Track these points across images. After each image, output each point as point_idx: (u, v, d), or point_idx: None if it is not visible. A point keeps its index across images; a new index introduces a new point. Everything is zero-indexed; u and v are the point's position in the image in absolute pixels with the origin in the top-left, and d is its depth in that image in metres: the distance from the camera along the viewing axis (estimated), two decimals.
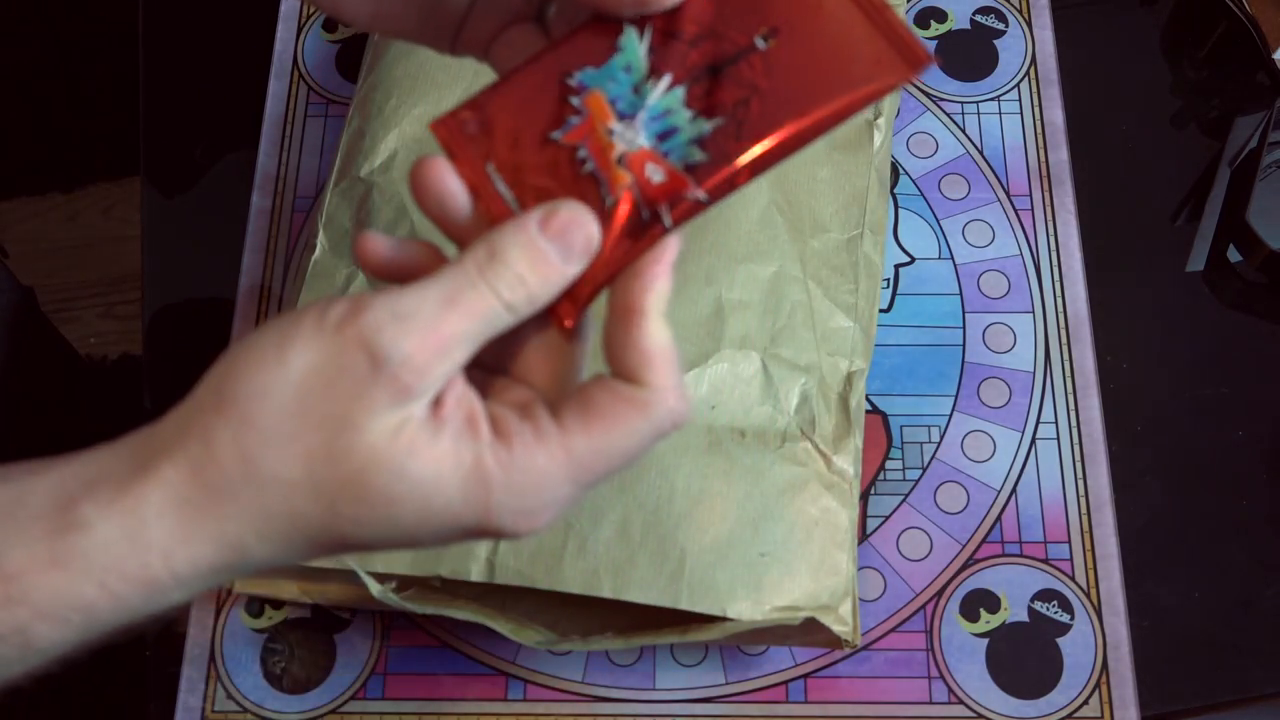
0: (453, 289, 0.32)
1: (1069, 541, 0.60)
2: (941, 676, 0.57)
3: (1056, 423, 0.62)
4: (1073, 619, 0.58)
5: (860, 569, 0.60)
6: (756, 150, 0.33)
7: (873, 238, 0.60)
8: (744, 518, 0.53)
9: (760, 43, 0.34)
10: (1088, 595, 0.59)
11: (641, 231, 0.33)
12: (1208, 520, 0.61)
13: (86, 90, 1.47)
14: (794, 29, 0.34)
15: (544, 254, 0.33)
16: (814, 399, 0.55)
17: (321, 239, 0.60)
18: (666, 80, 0.34)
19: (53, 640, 0.32)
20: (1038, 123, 0.70)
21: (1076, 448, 0.62)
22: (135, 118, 0.73)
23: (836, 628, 0.52)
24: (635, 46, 0.35)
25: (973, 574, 0.59)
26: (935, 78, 0.71)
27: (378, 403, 0.31)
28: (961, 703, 0.57)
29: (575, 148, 0.34)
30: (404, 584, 0.53)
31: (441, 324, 0.31)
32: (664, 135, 0.34)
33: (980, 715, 0.57)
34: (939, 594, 0.59)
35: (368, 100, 0.63)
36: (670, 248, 0.34)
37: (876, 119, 0.62)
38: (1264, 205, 0.66)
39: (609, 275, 0.34)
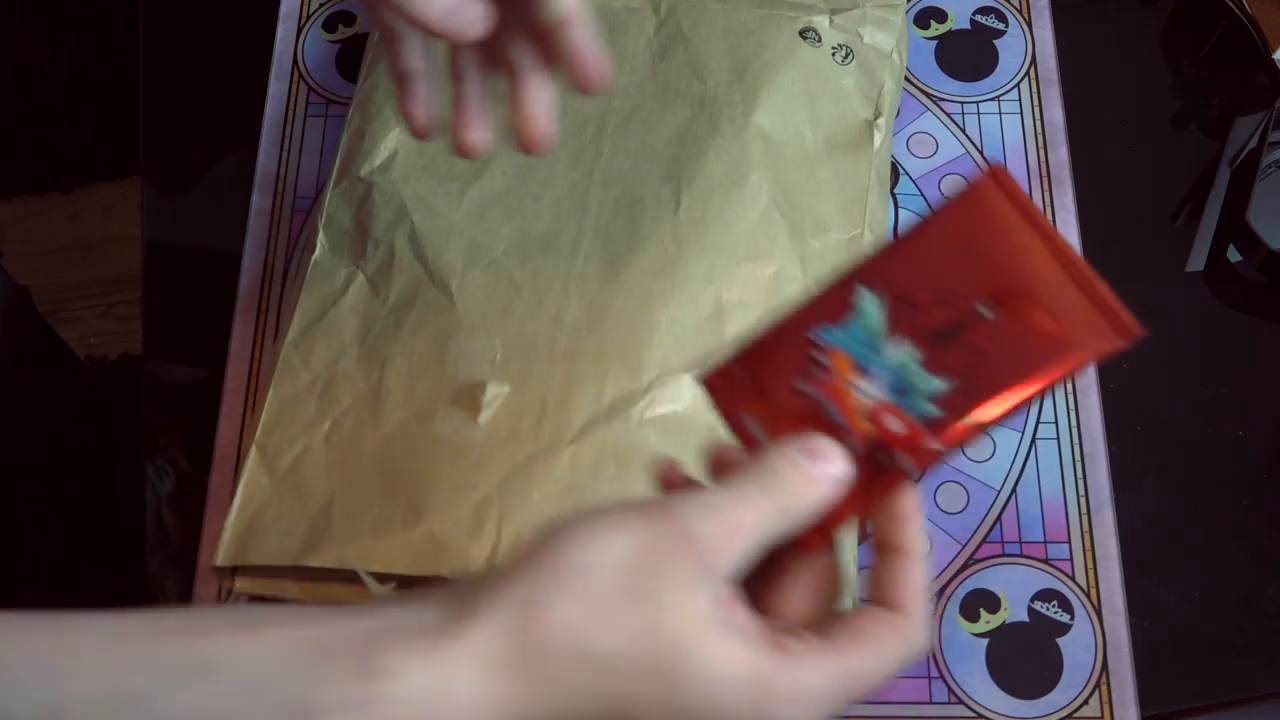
0: (742, 492, 0.36)
1: (1069, 541, 0.60)
2: (941, 676, 0.57)
3: (1056, 423, 0.62)
4: (1073, 619, 0.58)
5: (860, 569, 0.60)
6: (985, 411, 0.38)
7: (872, 238, 0.60)
8: None
9: (984, 311, 0.38)
10: (1088, 595, 0.59)
11: (882, 473, 0.38)
12: (1208, 520, 0.61)
13: (86, 90, 1.47)
14: (1013, 297, 0.38)
15: (809, 474, 0.37)
16: None
17: (321, 239, 0.60)
18: (902, 342, 0.39)
19: None
20: (1038, 123, 0.70)
21: (1076, 448, 0.62)
22: (135, 118, 0.73)
23: None
24: (872, 309, 0.39)
25: (973, 574, 0.60)
26: (935, 77, 0.71)
27: (688, 578, 0.34)
28: (961, 703, 0.57)
29: (820, 397, 0.39)
30: (404, 583, 0.53)
31: (737, 514, 0.36)
32: (900, 390, 0.39)
33: (980, 715, 0.57)
34: (939, 594, 0.59)
35: (367, 101, 0.63)
36: (913, 494, 0.39)
37: (877, 119, 0.62)
38: (1264, 205, 0.66)
39: (853, 510, 0.38)
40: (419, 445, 0.53)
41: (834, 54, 0.63)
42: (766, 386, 0.40)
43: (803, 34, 0.63)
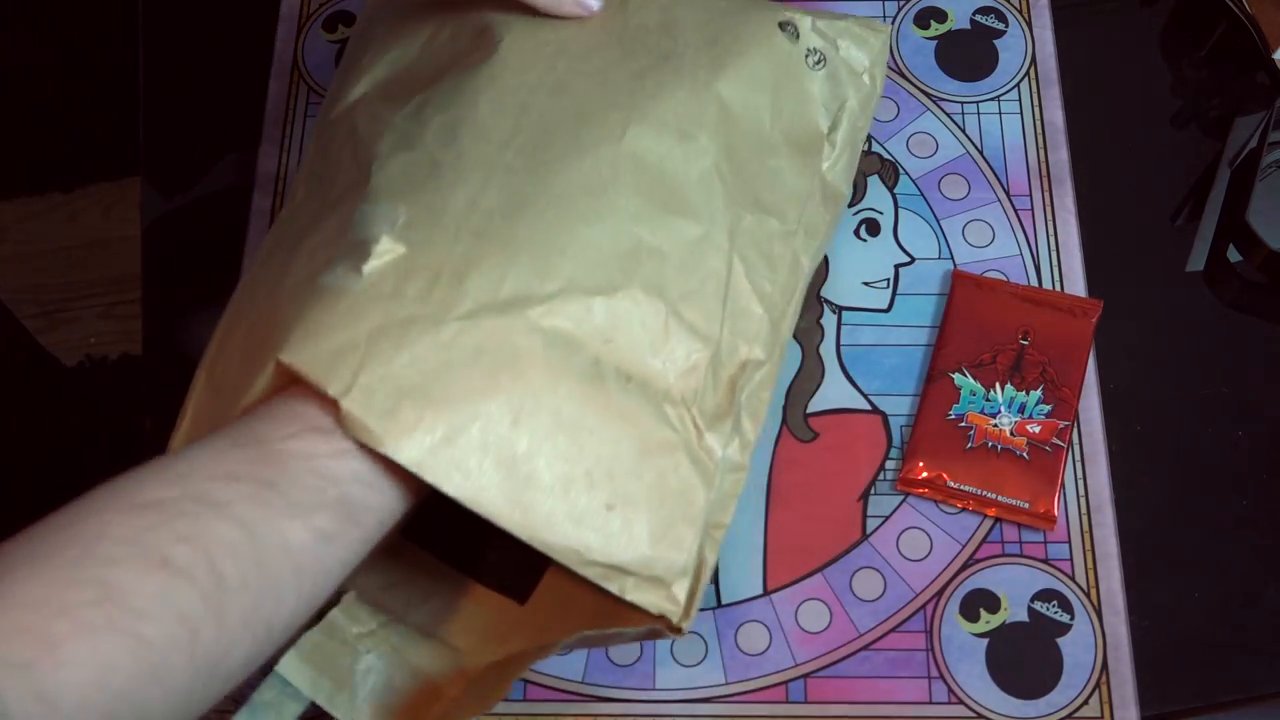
0: None
1: (1069, 541, 0.60)
2: (941, 676, 0.57)
3: None
4: (1073, 619, 0.58)
5: (860, 569, 0.60)
6: (1075, 384, 0.62)
7: (806, 240, 0.59)
8: (603, 461, 0.49)
9: (1024, 340, 0.63)
10: (1088, 595, 0.59)
11: (1050, 452, 0.61)
12: (1208, 520, 0.61)
13: (86, 90, 1.47)
14: (1035, 322, 0.64)
15: None
16: (703, 370, 0.53)
17: (299, 191, 0.59)
18: (999, 386, 0.62)
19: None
20: (1038, 123, 0.70)
21: (1076, 448, 0.62)
22: (135, 118, 0.73)
23: (665, 605, 0.49)
24: (968, 381, 0.62)
25: (973, 574, 0.60)
26: (935, 77, 0.71)
27: None
28: (961, 703, 0.57)
29: (982, 443, 0.61)
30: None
31: None
32: (1021, 409, 0.61)
33: (980, 715, 0.57)
34: (939, 594, 0.59)
35: (352, 61, 0.63)
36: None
37: (831, 134, 0.61)
38: (1264, 205, 0.66)
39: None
40: (300, 294, 0.51)
41: (808, 56, 0.62)
42: (945, 451, 0.61)
43: (782, 25, 0.62)
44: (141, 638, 0.36)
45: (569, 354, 0.50)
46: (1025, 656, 0.58)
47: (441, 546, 0.57)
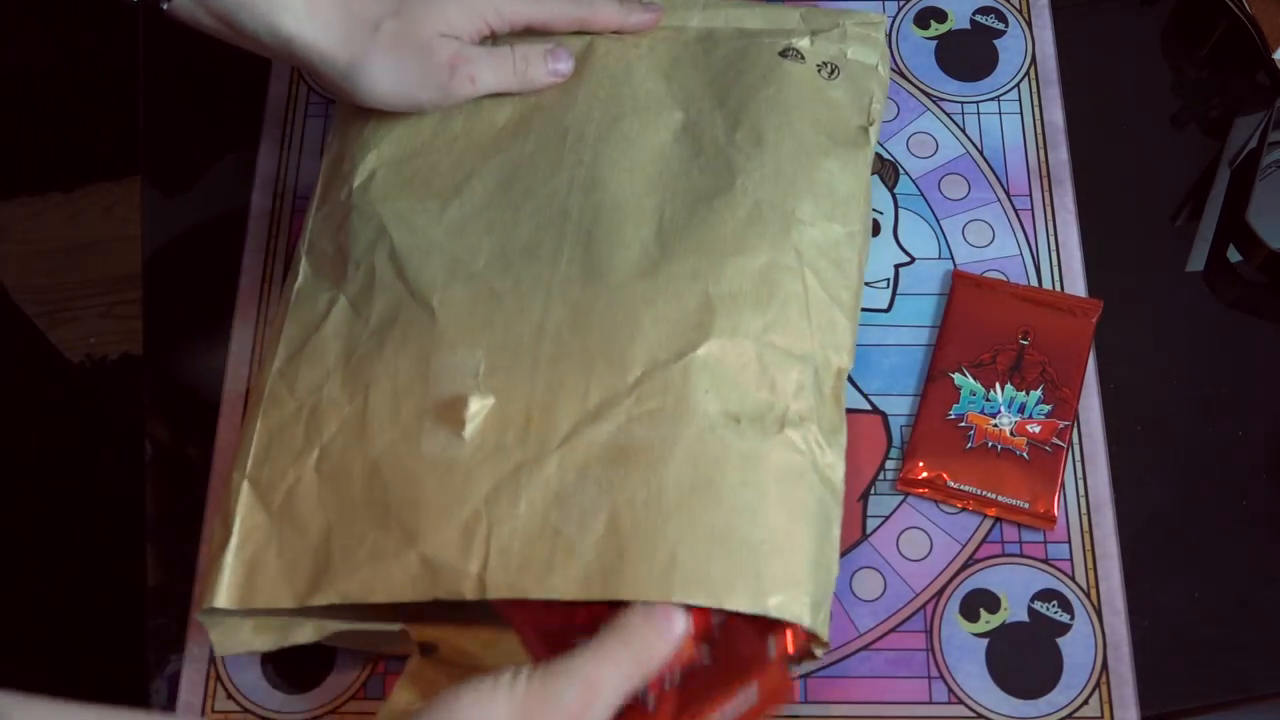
0: (600, 649, 0.45)
1: (1069, 541, 0.60)
2: (941, 676, 0.57)
3: None
4: (1073, 619, 0.58)
5: (860, 569, 0.60)
6: (1075, 384, 0.62)
7: (865, 237, 0.60)
8: (740, 506, 0.51)
9: (1024, 340, 0.63)
10: (1088, 595, 0.59)
11: (1050, 452, 0.61)
12: (1208, 520, 0.61)
13: (86, 90, 1.47)
14: (1035, 322, 0.63)
15: (659, 627, 0.47)
16: (809, 389, 0.54)
17: (304, 265, 0.59)
18: (999, 386, 0.62)
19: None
20: (1038, 123, 0.70)
21: (1076, 448, 0.62)
22: (135, 118, 0.73)
23: (821, 629, 0.51)
24: (968, 381, 0.62)
25: (973, 574, 0.60)
26: (935, 77, 0.71)
27: None
28: (961, 703, 0.57)
29: (982, 443, 0.61)
30: (410, 614, 0.53)
31: (597, 672, 0.44)
32: (1020, 409, 0.61)
33: (980, 715, 0.57)
34: (939, 594, 0.59)
35: (347, 124, 0.63)
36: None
37: (870, 128, 0.62)
38: (1264, 205, 0.66)
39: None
40: (406, 466, 0.52)
41: (820, 70, 0.63)
42: (947, 453, 0.61)
43: (783, 54, 0.63)
44: None
45: (672, 425, 0.52)
46: (1025, 656, 0.58)
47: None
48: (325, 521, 0.52)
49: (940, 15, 0.73)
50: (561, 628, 0.49)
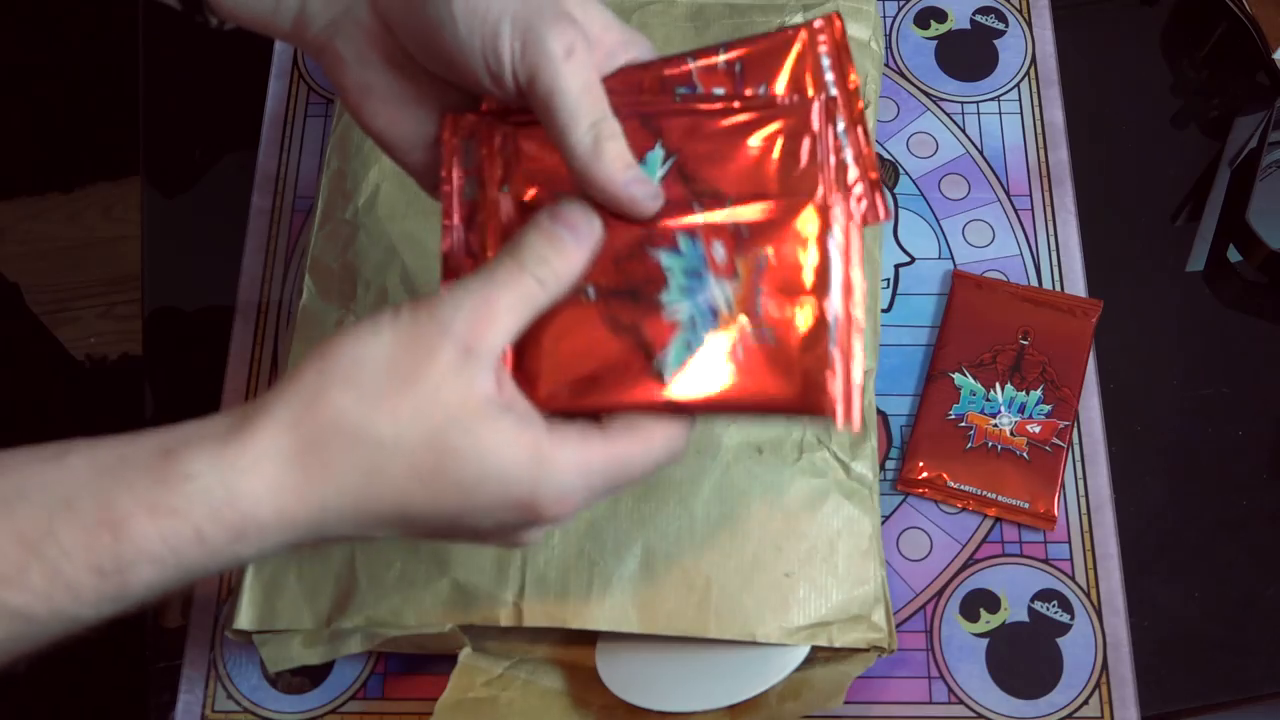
0: (496, 273, 0.39)
1: (1069, 541, 0.60)
2: (941, 676, 0.57)
3: None
4: (1073, 619, 0.58)
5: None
6: (1075, 384, 0.62)
7: (874, 234, 0.60)
8: (766, 539, 0.53)
9: (1024, 340, 0.62)
10: (1088, 595, 0.59)
11: (1050, 452, 0.60)
12: (1208, 520, 0.61)
13: (86, 90, 1.47)
14: (1035, 322, 0.63)
15: (559, 239, 0.39)
16: None
17: (308, 283, 0.59)
18: (999, 386, 0.62)
19: (147, 583, 0.36)
20: (1038, 123, 0.70)
21: (1076, 448, 0.62)
22: (135, 118, 0.73)
23: (870, 635, 0.52)
24: (968, 381, 0.62)
25: (973, 574, 0.59)
26: (935, 77, 0.71)
27: (450, 363, 0.37)
28: (961, 703, 0.57)
29: (982, 443, 0.61)
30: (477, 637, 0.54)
31: (494, 294, 0.38)
32: (1021, 409, 0.61)
33: (980, 715, 0.57)
34: (939, 594, 0.59)
35: (345, 139, 0.63)
36: None
37: (868, 108, 0.63)
38: (1264, 205, 0.66)
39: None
40: None
41: None
42: (948, 455, 0.59)
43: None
44: None
45: (697, 461, 0.54)
46: (1025, 656, 0.58)
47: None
48: (349, 546, 0.53)
49: (940, 15, 0.73)
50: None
